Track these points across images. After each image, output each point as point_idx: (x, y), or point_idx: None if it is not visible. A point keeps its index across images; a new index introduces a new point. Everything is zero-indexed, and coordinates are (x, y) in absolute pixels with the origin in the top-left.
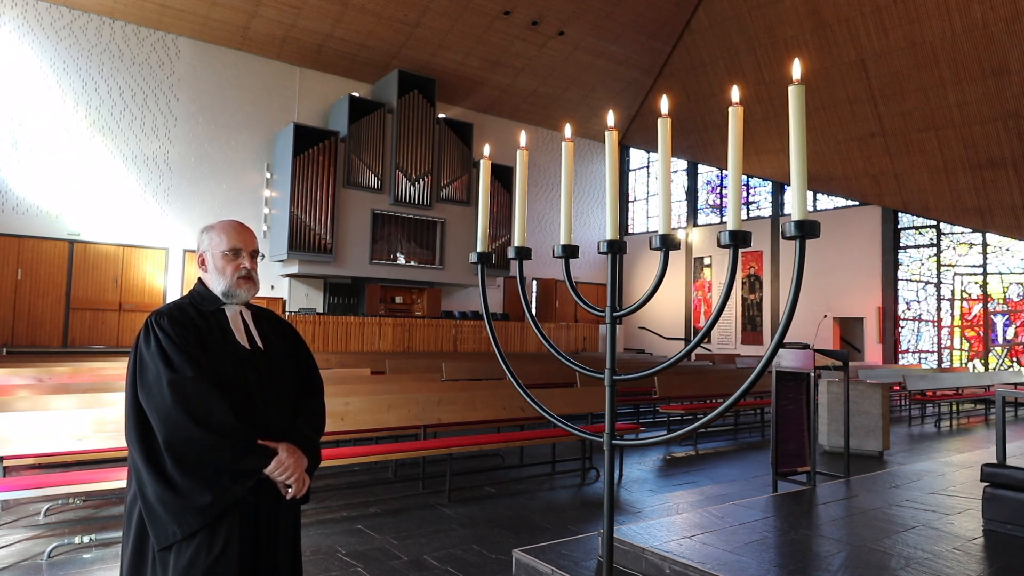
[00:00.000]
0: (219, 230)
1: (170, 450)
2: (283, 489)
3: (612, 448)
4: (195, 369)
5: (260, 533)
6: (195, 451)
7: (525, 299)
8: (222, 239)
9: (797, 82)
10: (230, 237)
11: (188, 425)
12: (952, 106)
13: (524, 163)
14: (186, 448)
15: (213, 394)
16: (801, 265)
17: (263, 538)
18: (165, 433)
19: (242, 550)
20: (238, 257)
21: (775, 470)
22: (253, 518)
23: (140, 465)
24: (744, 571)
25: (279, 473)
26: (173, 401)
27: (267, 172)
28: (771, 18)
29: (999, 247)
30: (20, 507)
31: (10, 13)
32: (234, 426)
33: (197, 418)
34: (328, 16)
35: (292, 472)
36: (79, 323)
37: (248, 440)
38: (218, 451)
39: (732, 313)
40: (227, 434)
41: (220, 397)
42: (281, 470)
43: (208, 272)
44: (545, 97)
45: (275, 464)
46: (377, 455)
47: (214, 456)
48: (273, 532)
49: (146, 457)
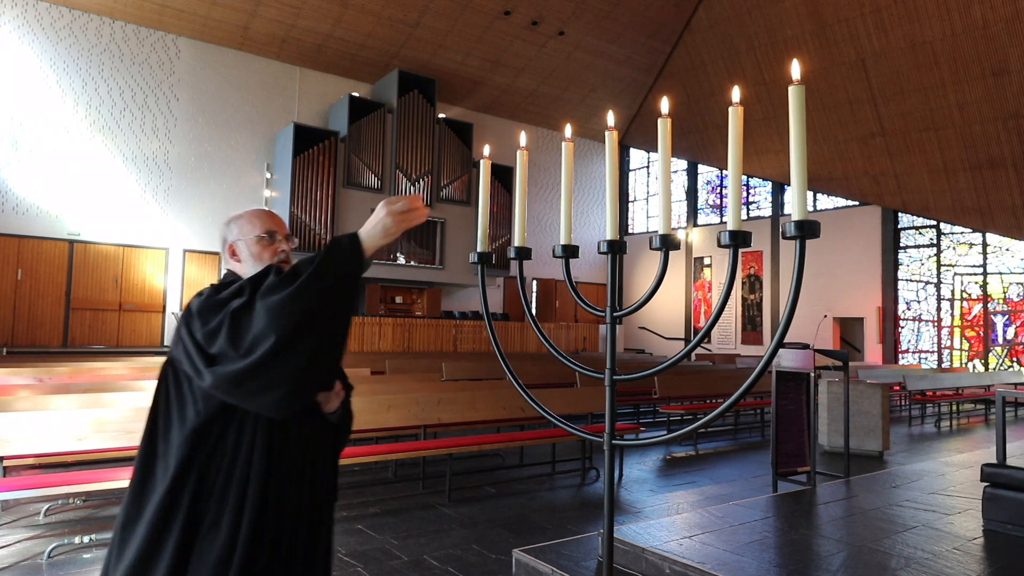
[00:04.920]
0: (249, 217)
1: (267, 307)
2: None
3: (612, 448)
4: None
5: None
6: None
7: (525, 299)
8: (255, 224)
9: (797, 82)
10: (263, 221)
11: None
12: (952, 106)
13: (524, 163)
14: (279, 300)
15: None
16: (801, 265)
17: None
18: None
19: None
20: (274, 241)
21: (775, 470)
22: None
23: (239, 370)
24: (744, 571)
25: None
26: (244, 305)
27: (267, 172)
28: (771, 18)
29: (999, 247)
30: (20, 507)
31: (10, 13)
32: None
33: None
34: (328, 16)
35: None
36: (79, 323)
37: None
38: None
39: (732, 313)
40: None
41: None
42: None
43: (242, 261)
44: (545, 97)
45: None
46: (377, 455)
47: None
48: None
49: (239, 369)
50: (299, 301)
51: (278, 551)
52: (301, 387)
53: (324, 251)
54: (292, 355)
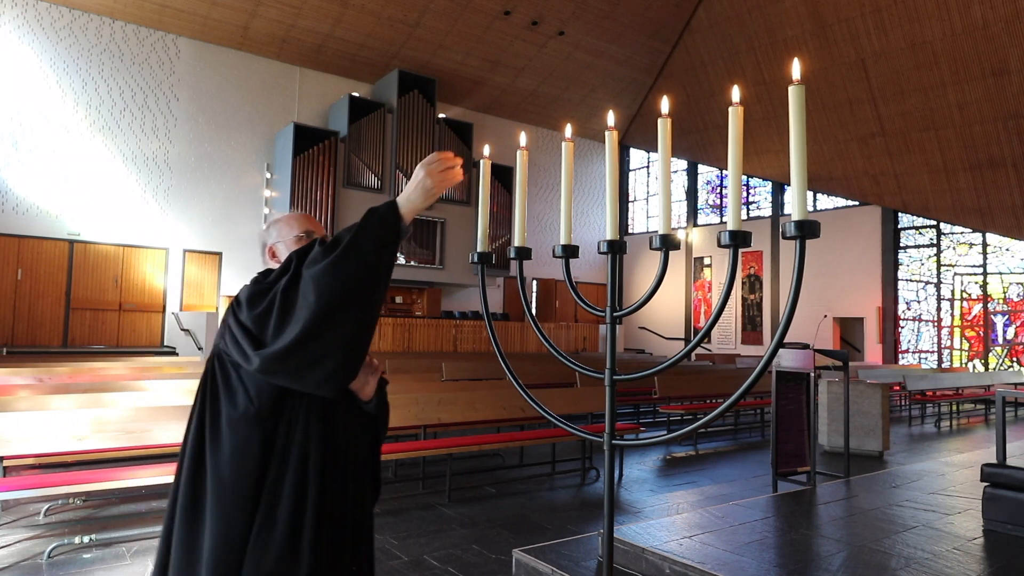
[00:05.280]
0: (287, 220)
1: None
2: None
3: (612, 448)
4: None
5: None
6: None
7: (525, 299)
8: (292, 226)
9: (797, 82)
10: (300, 222)
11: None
12: (952, 106)
13: (524, 163)
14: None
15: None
16: (801, 265)
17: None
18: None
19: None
20: (312, 240)
21: (775, 470)
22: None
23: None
24: (744, 571)
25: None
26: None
27: (267, 172)
28: (771, 18)
29: (999, 247)
30: (20, 507)
31: (10, 13)
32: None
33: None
34: (328, 16)
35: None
36: (79, 323)
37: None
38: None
39: (732, 313)
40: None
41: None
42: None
43: (282, 262)
44: (545, 97)
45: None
46: None
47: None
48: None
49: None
50: (340, 269)
51: (336, 543)
52: (349, 359)
53: (362, 219)
54: (338, 323)
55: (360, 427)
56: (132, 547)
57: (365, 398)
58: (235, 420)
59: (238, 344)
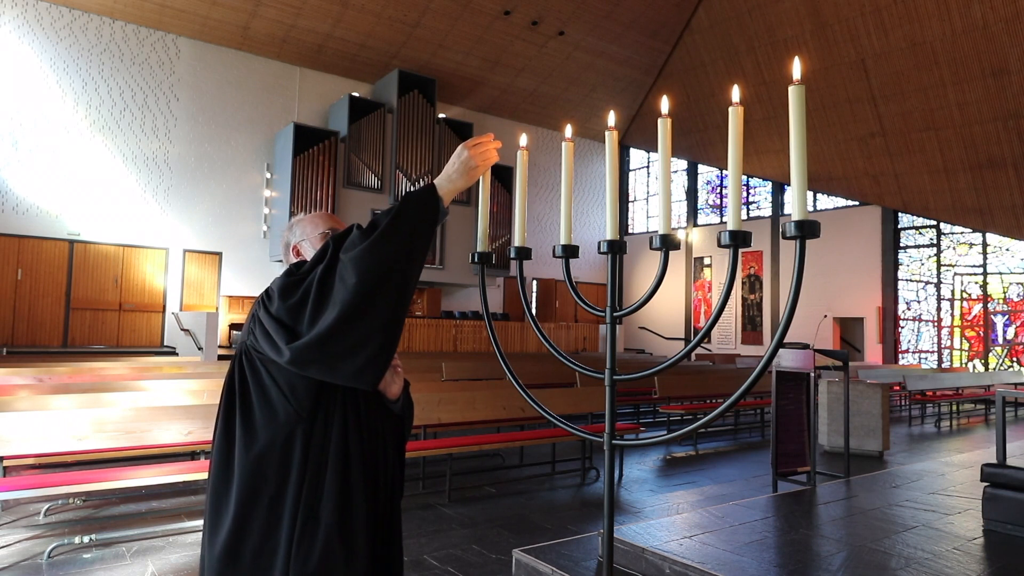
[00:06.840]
0: (311, 219)
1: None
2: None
3: (612, 448)
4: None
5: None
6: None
7: (525, 299)
8: (316, 224)
9: (797, 82)
10: (324, 220)
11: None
12: (952, 106)
13: (524, 163)
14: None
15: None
16: (801, 265)
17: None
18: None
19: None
20: None
21: (775, 470)
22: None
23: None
24: (744, 571)
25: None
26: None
27: (267, 172)
28: (771, 18)
29: (999, 247)
30: (20, 507)
31: (10, 13)
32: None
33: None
34: (328, 16)
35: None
36: (79, 323)
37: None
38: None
39: (732, 313)
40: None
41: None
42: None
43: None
44: (545, 97)
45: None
46: None
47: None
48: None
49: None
50: (380, 249)
51: (378, 541)
52: (385, 346)
53: (400, 201)
54: (377, 307)
55: (388, 426)
56: (132, 547)
57: (392, 397)
58: (268, 418)
59: (269, 337)
